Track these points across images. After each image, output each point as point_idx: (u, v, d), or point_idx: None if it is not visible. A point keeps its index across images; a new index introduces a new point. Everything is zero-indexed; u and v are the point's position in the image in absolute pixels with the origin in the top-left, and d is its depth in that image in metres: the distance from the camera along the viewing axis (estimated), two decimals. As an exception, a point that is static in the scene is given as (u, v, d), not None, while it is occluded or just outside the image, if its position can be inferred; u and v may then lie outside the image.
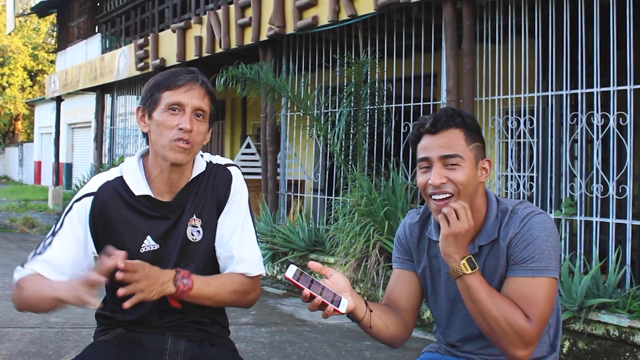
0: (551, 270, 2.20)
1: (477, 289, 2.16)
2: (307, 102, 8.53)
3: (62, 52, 24.41)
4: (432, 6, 7.30)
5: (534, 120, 6.39)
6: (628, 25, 5.48)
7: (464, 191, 2.24)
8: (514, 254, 2.24)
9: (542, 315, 2.18)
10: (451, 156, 2.23)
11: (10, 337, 5.51)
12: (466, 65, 6.70)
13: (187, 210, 2.39)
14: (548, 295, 2.20)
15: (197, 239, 2.38)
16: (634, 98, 5.56)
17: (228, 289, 2.32)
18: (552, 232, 2.24)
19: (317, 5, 8.34)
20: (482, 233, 2.32)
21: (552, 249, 2.21)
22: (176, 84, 2.28)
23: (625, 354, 5.03)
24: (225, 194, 2.43)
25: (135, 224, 2.32)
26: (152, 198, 2.36)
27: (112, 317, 2.42)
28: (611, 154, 5.62)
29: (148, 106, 2.33)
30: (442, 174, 2.23)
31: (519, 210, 2.29)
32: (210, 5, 11.36)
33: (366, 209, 7.03)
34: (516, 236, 2.24)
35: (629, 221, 5.49)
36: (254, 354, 5.38)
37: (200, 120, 2.31)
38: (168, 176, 2.35)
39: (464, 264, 2.18)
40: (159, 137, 2.29)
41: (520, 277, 2.21)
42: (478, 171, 2.29)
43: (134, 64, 13.34)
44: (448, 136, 2.25)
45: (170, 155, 2.27)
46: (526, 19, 6.45)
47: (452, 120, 2.25)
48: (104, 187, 2.37)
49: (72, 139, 26.26)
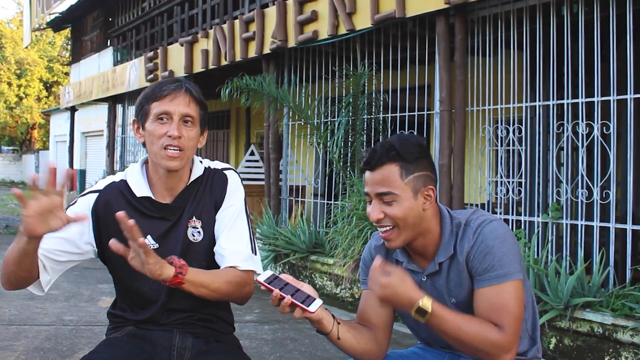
0: (513, 273, 2.16)
1: (444, 323, 2.09)
2: (307, 111, 8.53)
3: (76, 64, 24.43)
4: (426, 21, 7.31)
5: (523, 129, 6.39)
6: (611, 39, 5.48)
7: (403, 224, 2.20)
8: (474, 266, 2.20)
9: (515, 320, 2.14)
10: (385, 193, 2.19)
11: (27, 334, 5.51)
12: (458, 76, 6.70)
13: (187, 212, 2.39)
14: (516, 298, 2.15)
15: (198, 239, 2.38)
16: (617, 108, 5.56)
17: (223, 279, 2.28)
18: (505, 237, 2.19)
19: (317, 21, 8.36)
20: (440, 250, 2.27)
21: (509, 253, 2.17)
22: (162, 94, 2.30)
23: (609, 350, 5.03)
24: (221, 195, 2.43)
25: (137, 224, 2.31)
26: (152, 200, 2.37)
27: (123, 315, 2.42)
28: (595, 161, 5.62)
29: (140, 118, 2.36)
30: (379, 209, 2.21)
31: (471, 222, 2.25)
32: (216, 20, 11.37)
33: (363, 212, 7.02)
34: (472, 249, 2.20)
35: (612, 224, 5.49)
36: (257, 350, 5.37)
37: (189, 126, 2.32)
38: (166, 181, 2.37)
39: (421, 307, 2.07)
40: (151, 146, 2.31)
41: (485, 288, 2.17)
42: (419, 200, 2.22)
43: (144, 75, 13.36)
44: (382, 172, 2.19)
45: (163, 162, 2.29)
46: (515, 33, 6.46)
47: (386, 156, 2.19)
48: (109, 186, 2.40)
49: (85, 146, 26.24)
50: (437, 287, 2.30)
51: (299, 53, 9.24)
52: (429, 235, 2.27)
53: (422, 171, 2.23)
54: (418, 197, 2.21)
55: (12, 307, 6.42)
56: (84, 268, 9.40)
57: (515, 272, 2.16)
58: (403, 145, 2.20)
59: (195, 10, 12.27)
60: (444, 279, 2.27)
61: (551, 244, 5.84)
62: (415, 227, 2.23)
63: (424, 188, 2.23)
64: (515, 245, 2.21)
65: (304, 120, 8.57)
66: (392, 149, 2.19)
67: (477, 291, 2.19)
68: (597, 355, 5.11)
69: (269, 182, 9.53)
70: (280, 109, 9.00)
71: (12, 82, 41.84)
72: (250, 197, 10.50)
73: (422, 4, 6.91)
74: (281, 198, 9.57)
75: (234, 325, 2.58)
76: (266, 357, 5.16)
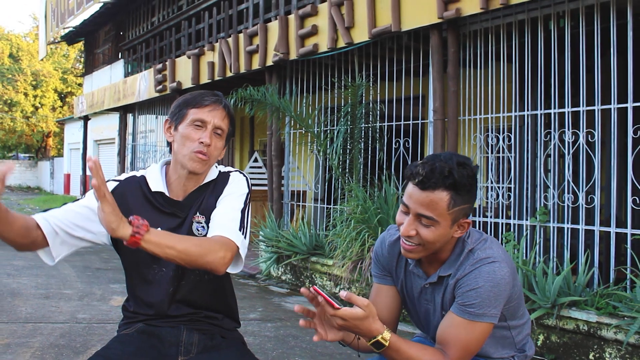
0: (488, 316, 2.10)
1: (398, 355, 2.06)
2: (308, 120, 8.54)
3: (88, 76, 24.47)
4: (420, 35, 7.33)
5: (512, 137, 6.40)
6: (596, 52, 5.50)
7: (430, 246, 2.14)
8: (457, 293, 2.15)
9: (465, 355, 2.11)
10: (427, 217, 2.08)
11: (42, 331, 5.52)
12: (451, 87, 6.72)
13: (193, 209, 2.40)
14: (479, 339, 2.12)
15: (202, 233, 2.38)
16: (601, 117, 5.58)
17: (194, 241, 2.14)
18: (498, 283, 2.11)
19: (317, 34, 8.38)
20: (444, 266, 2.23)
21: (493, 299, 2.10)
22: (202, 103, 2.35)
23: (594, 346, 5.03)
24: (222, 189, 2.43)
25: (148, 216, 2.24)
26: (165, 195, 2.39)
27: (134, 310, 2.43)
28: (581, 168, 5.63)
29: (175, 119, 2.39)
30: (413, 226, 2.11)
31: (476, 252, 2.17)
32: (222, 34, 11.40)
33: (361, 216, 7.03)
34: (463, 278, 2.15)
35: (596, 227, 5.49)
36: (261, 347, 5.38)
37: (218, 137, 2.37)
38: (184, 182, 2.39)
39: (379, 340, 2.03)
40: (181, 147, 2.34)
41: (457, 317, 2.12)
42: (454, 229, 2.14)
43: (153, 86, 13.38)
44: (432, 197, 2.06)
45: (189, 164, 2.32)
46: (505, 46, 6.47)
47: (443, 182, 2.04)
48: (129, 179, 2.43)
49: (97, 153, 26.24)
50: (435, 296, 2.28)
51: (300, 65, 9.25)
52: (443, 252, 2.22)
53: (468, 203, 2.12)
54: (454, 227, 2.13)
55: (28, 306, 6.43)
56: (96, 269, 9.43)
57: (490, 316, 2.11)
58: (461, 175, 2.05)
59: (201, 25, 12.29)
60: (442, 291, 2.24)
61: (539, 246, 5.84)
62: (437, 247, 2.17)
63: (462, 219, 2.15)
64: (504, 291, 2.13)
65: (305, 129, 8.58)
66: (450, 177, 2.04)
67: (450, 313, 2.16)
68: (582, 351, 5.11)
69: (272, 187, 9.54)
70: (282, 118, 9.01)
71: (28, 92, 41.90)
72: (254, 202, 10.53)
73: (416, 19, 6.94)
74: (283, 202, 9.58)
75: (239, 321, 2.58)
76: (269, 353, 5.16)
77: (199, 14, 12.48)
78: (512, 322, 2.29)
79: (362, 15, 7.60)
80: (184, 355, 2.35)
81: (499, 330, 2.27)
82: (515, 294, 2.21)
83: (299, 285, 8.43)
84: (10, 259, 9.70)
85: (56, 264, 2.31)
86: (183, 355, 2.35)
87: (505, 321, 2.26)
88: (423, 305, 2.34)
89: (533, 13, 6.05)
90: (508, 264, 2.16)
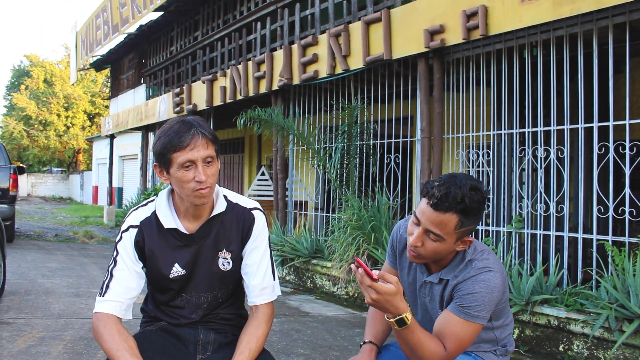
0: (481, 318, 2.11)
1: (413, 336, 2.06)
2: (309, 138, 8.55)
3: (114, 98, 24.50)
4: (409, 62, 7.36)
5: (491, 153, 6.42)
6: (565, 77, 5.52)
7: (433, 256, 2.15)
8: (456, 295, 2.15)
9: (460, 349, 2.12)
10: (435, 234, 2.08)
11: (73, 326, 5.51)
12: (436, 109, 6.73)
13: (213, 242, 2.32)
14: (472, 336, 2.12)
15: (227, 268, 2.33)
16: (570, 135, 5.59)
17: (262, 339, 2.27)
18: (493, 290, 2.12)
19: (317, 62, 8.41)
20: (445, 270, 2.23)
21: (488, 303, 2.11)
22: (182, 145, 2.11)
23: (563, 339, 5.02)
24: (248, 232, 2.34)
25: (166, 253, 2.25)
26: (178, 231, 2.28)
27: (155, 315, 2.40)
28: (552, 180, 5.63)
29: (163, 165, 2.18)
30: (421, 239, 2.11)
31: (475, 261, 2.17)
32: (233, 62, 11.43)
33: (357, 223, 7.04)
34: (462, 282, 2.15)
35: (565, 234, 5.50)
36: (267, 340, 5.35)
37: (210, 164, 2.17)
38: (193, 211, 2.27)
39: (403, 318, 2.02)
40: (181, 189, 2.18)
41: (455, 315, 2.12)
42: (457, 244, 2.15)
43: (172, 108, 13.39)
44: (442, 218, 2.05)
45: (196, 201, 2.19)
46: (484, 73, 6.50)
47: (455, 207, 2.03)
48: (144, 222, 2.30)
49: (122, 168, 26.27)
50: (433, 294, 2.28)
51: (302, 89, 9.29)
52: (445, 259, 2.23)
53: (474, 224, 2.11)
54: (457, 242, 2.14)
55: (60, 303, 6.42)
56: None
57: (483, 318, 2.12)
58: (471, 200, 2.04)
59: (215, 53, 12.34)
60: (440, 291, 2.24)
61: (514, 250, 5.84)
62: (439, 257, 2.19)
63: (466, 237, 2.15)
64: (497, 297, 2.14)
65: (307, 146, 8.59)
66: (462, 203, 2.03)
67: (447, 310, 2.16)
68: (553, 343, 5.10)
69: (277, 198, 9.54)
70: (286, 136, 9.03)
71: (60, 113, 42.07)
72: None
73: (405, 48, 6.97)
74: (287, 211, 9.58)
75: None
76: (275, 345, 5.15)
77: (213, 44, 12.53)
78: (496, 322, 2.30)
79: (358, 45, 7.63)
80: (202, 354, 2.32)
81: (483, 330, 2.27)
82: (503, 298, 2.22)
83: (302, 285, 8.43)
84: (45, 262, 9.67)
85: (85, 266, 2.30)
86: (201, 354, 2.32)
87: (490, 321, 2.26)
88: (421, 298, 2.34)
89: (509, 43, 6.07)
90: (501, 273, 2.17)
